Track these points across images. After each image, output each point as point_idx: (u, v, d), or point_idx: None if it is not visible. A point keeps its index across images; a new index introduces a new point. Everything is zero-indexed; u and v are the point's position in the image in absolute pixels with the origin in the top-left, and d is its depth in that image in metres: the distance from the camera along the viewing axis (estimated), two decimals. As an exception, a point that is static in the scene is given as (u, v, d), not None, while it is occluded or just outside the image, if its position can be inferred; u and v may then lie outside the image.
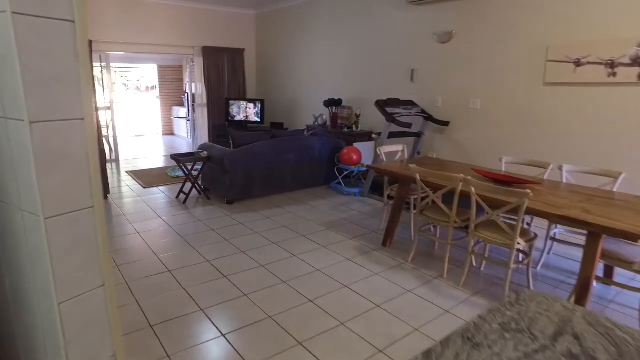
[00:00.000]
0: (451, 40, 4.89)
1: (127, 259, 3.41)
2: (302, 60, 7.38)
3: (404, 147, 4.29)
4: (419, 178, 3.20)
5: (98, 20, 6.72)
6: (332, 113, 6.43)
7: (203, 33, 7.82)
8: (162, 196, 5.22)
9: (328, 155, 5.65)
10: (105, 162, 4.91)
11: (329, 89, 6.88)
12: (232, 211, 4.66)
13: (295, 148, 5.27)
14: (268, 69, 8.36)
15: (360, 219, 4.49)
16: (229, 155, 4.74)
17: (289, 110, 7.94)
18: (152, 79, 11.86)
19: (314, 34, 6.99)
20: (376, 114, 5.91)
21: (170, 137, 11.25)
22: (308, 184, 5.60)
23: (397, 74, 5.66)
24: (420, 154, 5.44)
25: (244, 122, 7.93)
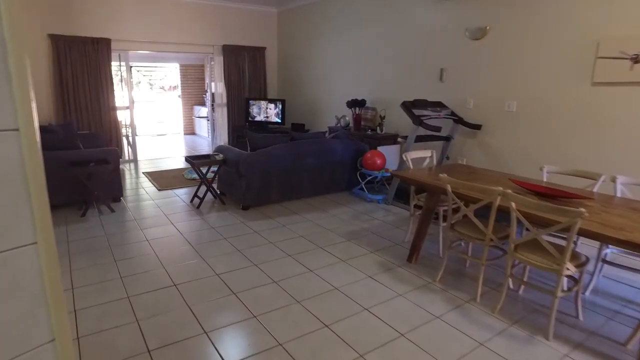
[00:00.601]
0: (485, 37, 4.50)
1: (133, 269, 3.20)
2: (324, 59, 7.09)
3: (432, 153, 3.95)
4: (450, 190, 2.86)
5: (117, 19, 6.62)
6: (355, 114, 6.12)
7: (223, 31, 7.63)
8: (177, 200, 5.03)
9: (350, 159, 5.34)
10: (118, 164, 4.75)
11: (352, 89, 6.57)
12: (247, 218, 4.42)
13: (315, 151, 4.98)
14: (289, 68, 8.11)
15: (383, 230, 4.17)
16: (245, 159, 4.50)
17: (311, 111, 7.66)
18: (174, 78, 11.82)
19: (337, 31, 6.69)
20: (402, 115, 5.56)
21: (191, 137, 11.17)
22: (328, 190, 5.31)
23: (425, 74, 5.30)
24: (449, 159, 5.07)
25: (264, 122, 7.70)
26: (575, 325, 2.57)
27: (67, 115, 6.40)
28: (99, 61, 6.47)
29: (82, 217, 4.35)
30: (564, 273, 2.30)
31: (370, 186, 5.52)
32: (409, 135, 4.65)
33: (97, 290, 2.89)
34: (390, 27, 5.71)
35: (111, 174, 4.72)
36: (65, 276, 3.06)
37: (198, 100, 11.58)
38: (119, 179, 4.82)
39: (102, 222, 4.21)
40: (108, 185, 4.75)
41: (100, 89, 6.56)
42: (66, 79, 6.30)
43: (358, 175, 5.34)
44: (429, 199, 3.33)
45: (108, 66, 6.56)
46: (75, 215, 4.41)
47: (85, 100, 6.49)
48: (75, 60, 6.31)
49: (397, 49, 5.65)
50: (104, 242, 3.72)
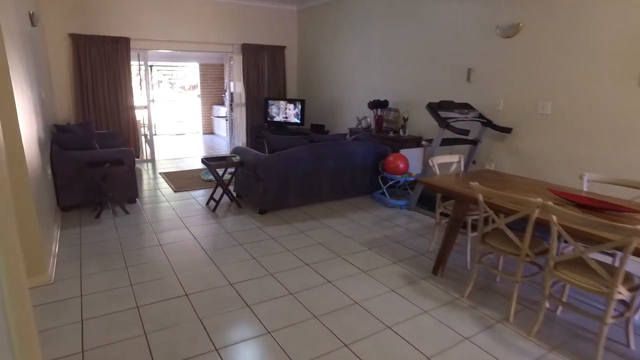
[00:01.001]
0: (517, 34, 4.23)
1: (144, 276, 3.07)
2: (345, 58, 6.89)
3: (460, 158, 3.71)
4: (482, 199, 2.63)
5: (136, 18, 6.56)
6: (376, 116, 5.90)
7: (242, 30, 7.51)
8: (192, 202, 4.91)
9: (372, 162, 5.13)
10: (134, 164, 4.66)
11: (373, 90, 6.36)
12: (263, 223, 4.26)
13: (335, 154, 4.79)
14: (309, 68, 7.94)
15: (406, 238, 3.95)
16: (263, 161, 4.34)
17: (331, 112, 7.47)
18: (194, 77, 11.80)
19: (359, 30, 6.48)
20: (426, 117, 5.32)
21: (209, 137, 11.12)
22: (348, 194, 5.11)
23: (451, 74, 5.05)
24: (476, 163, 4.81)
25: (283, 123, 7.55)
26: (625, 354, 2.31)
27: (85, 115, 6.38)
28: (118, 60, 6.42)
29: (97, 219, 4.27)
30: (615, 297, 2.05)
31: (392, 191, 5.30)
32: (434, 138, 4.41)
33: (106, 298, 2.76)
34: (415, 24, 5.47)
35: (126, 175, 4.63)
36: (75, 283, 2.96)
37: (217, 100, 11.53)
38: (134, 180, 4.73)
39: (116, 225, 4.12)
40: (123, 187, 4.67)
41: (119, 88, 6.52)
42: (85, 79, 6.27)
43: (380, 179, 5.12)
44: (457, 208, 3.10)
45: (127, 65, 6.51)
46: (90, 217, 4.33)
47: (103, 100, 6.45)
48: (94, 59, 6.27)
49: (421, 48, 5.41)
50: (117, 246, 3.62)
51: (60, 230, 3.93)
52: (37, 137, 3.47)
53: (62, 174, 4.34)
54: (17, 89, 2.74)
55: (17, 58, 2.96)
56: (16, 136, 2.60)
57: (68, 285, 2.92)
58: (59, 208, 4.45)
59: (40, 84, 4.41)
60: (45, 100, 5.02)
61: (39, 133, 3.65)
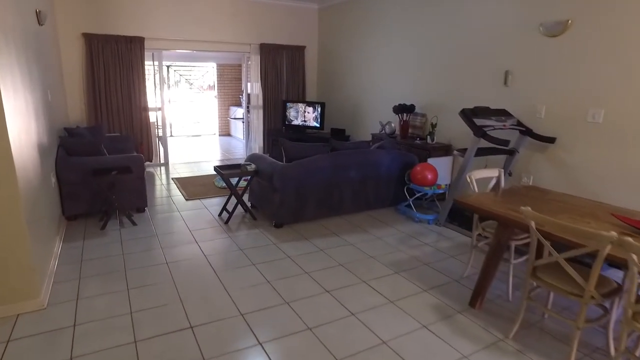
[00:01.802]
0: (565, 32, 3.78)
1: (145, 302, 2.76)
2: (368, 59, 6.51)
3: (499, 173, 3.29)
4: (534, 227, 2.23)
5: (151, 17, 6.31)
6: (402, 121, 5.51)
7: (261, 29, 7.20)
8: (204, 212, 4.61)
9: (397, 172, 4.74)
10: (143, 171, 4.38)
11: (399, 93, 5.96)
12: (279, 238, 3.92)
13: (358, 163, 4.42)
14: (330, 69, 7.57)
15: (436, 259, 3.55)
16: (280, 171, 4.00)
17: (352, 116, 7.10)
18: (211, 77, 11.59)
19: (384, 29, 6.09)
20: (456, 123, 4.90)
21: (226, 139, 10.87)
22: (371, 206, 4.73)
23: (485, 77, 4.62)
24: (512, 175, 4.37)
25: (302, 127, 7.21)
26: None
27: (98, 117, 6.16)
28: (132, 60, 6.18)
29: (102, 230, 4.00)
30: None
31: (418, 203, 4.90)
32: (469, 148, 4.00)
33: (101, 329, 2.46)
34: (445, 23, 5.05)
35: (135, 182, 4.36)
36: (69, 308, 2.66)
37: (234, 101, 11.28)
38: (143, 188, 4.46)
39: (122, 238, 3.84)
40: (131, 195, 4.39)
41: (133, 89, 6.28)
42: (98, 79, 6.05)
43: (405, 190, 4.73)
44: (500, 233, 2.69)
45: (141, 66, 6.27)
46: (96, 227, 4.07)
47: (116, 102, 6.22)
48: (107, 59, 6.05)
49: (452, 48, 4.99)
50: (120, 263, 3.32)
51: (62, 243, 3.67)
52: (36, 142, 3.20)
53: (67, 182, 4.09)
54: (8, 91, 2.46)
55: (12, 58, 2.69)
56: (2, 144, 2.32)
57: (62, 311, 2.63)
58: (64, 217, 4.20)
59: (47, 85, 4.17)
60: (55, 103, 4.79)
61: (40, 138, 3.39)
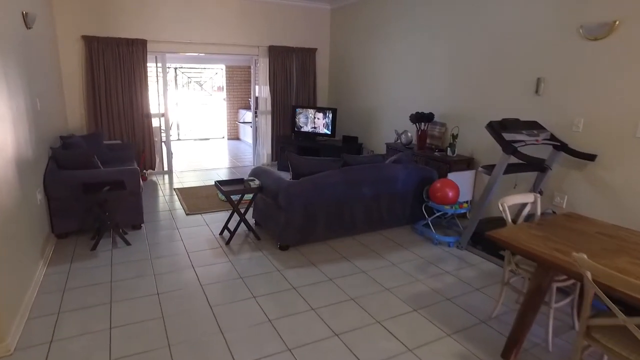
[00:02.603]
0: (610, 35, 3.34)
1: (127, 347, 2.41)
2: (384, 63, 6.10)
3: (536, 199, 2.87)
4: (590, 278, 1.82)
5: (154, 18, 6.00)
6: (419, 130, 5.09)
7: (269, 31, 6.84)
8: (205, 230, 4.27)
9: (414, 188, 4.33)
10: (139, 185, 4.06)
11: (416, 100, 5.54)
12: (284, 263, 3.55)
13: (372, 179, 4.03)
14: (342, 73, 7.18)
15: (460, 292, 3.14)
16: (286, 189, 3.63)
17: (365, 123, 6.70)
18: (220, 80, 11.30)
19: (401, 31, 5.68)
20: (479, 134, 4.48)
21: (235, 143, 10.56)
22: (385, 225, 4.34)
23: (514, 84, 4.19)
24: (543, 194, 3.94)
25: (312, 134, 6.84)
26: None
27: (98, 124, 5.87)
28: (134, 64, 5.88)
29: (93, 251, 3.69)
30: None
31: (437, 221, 4.49)
32: (497, 165, 3.58)
33: (73, 384, 2.12)
34: (469, 24, 4.63)
35: (131, 197, 4.03)
36: (41, 353, 2.33)
37: (244, 104, 10.97)
38: (139, 203, 4.13)
39: (112, 261, 3.51)
40: (127, 210, 4.07)
41: (134, 94, 5.98)
42: (98, 84, 5.76)
43: (423, 208, 4.32)
44: (541, 276, 2.28)
45: (143, 69, 5.97)
46: (86, 247, 3.76)
47: (117, 107, 5.93)
48: (108, 63, 5.75)
49: (477, 53, 4.57)
50: (106, 293, 2.99)
51: (47, 267, 3.36)
52: (14, 157, 2.87)
53: (56, 197, 3.78)
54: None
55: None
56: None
57: (30, 358, 2.29)
58: (53, 235, 3.90)
59: (37, 93, 3.86)
60: (50, 110, 4.50)
61: (20, 151, 3.06)
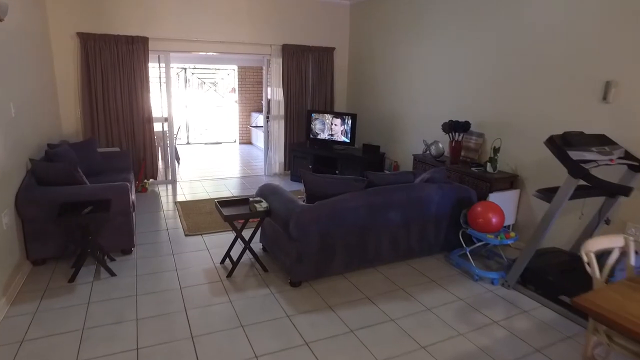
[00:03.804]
0: None
1: None
2: (410, 64, 5.45)
3: (628, 243, 2.19)
4: None
5: (156, 14, 5.45)
6: (453, 141, 4.43)
7: (283, 28, 6.25)
8: (204, 257, 3.68)
9: (449, 211, 3.68)
10: (128, 204, 3.49)
11: (448, 106, 4.87)
12: (296, 306, 2.93)
13: (400, 202, 3.39)
14: (363, 75, 6.54)
15: (515, 354, 2.48)
16: (298, 216, 3.01)
17: (388, 131, 6.04)
18: (232, 81, 10.77)
19: (429, 28, 5.02)
20: (525, 148, 3.80)
21: (247, 147, 10.01)
22: (414, 254, 3.69)
23: (573, 89, 3.50)
24: (609, 223, 3.24)
25: (329, 141, 6.21)
26: None
27: (94, 129, 5.35)
28: (134, 64, 5.34)
29: (70, 283, 3.13)
30: None
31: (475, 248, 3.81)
32: (561, 190, 2.90)
33: None
34: (512, 16, 3.95)
35: (119, 217, 3.47)
36: None
37: (256, 107, 10.41)
38: (129, 224, 3.56)
39: (91, 297, 2.94)
40: (116, 233, 3.51)
41: (135, 97, 5.45)
42: (95, 86, 5.24)
43: (461, 236, 3.65)
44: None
45: (144, 70, 5.43)
46: (64, 277, 3.20)
47: (116, 111, 5.40)
48: (106, 62, 5.22)
49: (521, 50, 3.88)
50: (74, 346, 2.41)
51: (10, 307, 2.80)
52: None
53: (31, 218, 3.24)
54: None
55: None
56: None
57: None
58: (28, 261, 3.35)
59: (12, 95, 3.33)
60: (36, 115, 3.98)
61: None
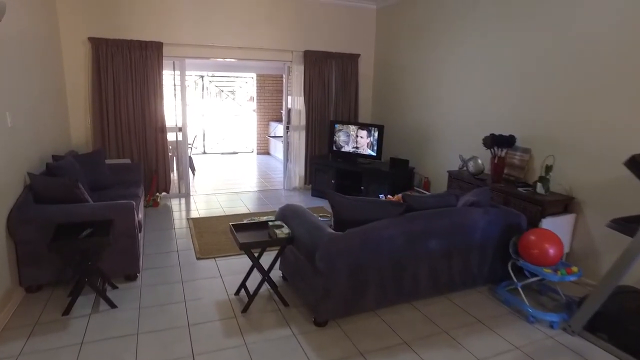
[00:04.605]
0: None
1: None
2: (442, 71, 4.99)
3: None
4: None
5: (171, 18, 5.15)
6: (495, 157, 3.95)
7: (305, 33, 5.88)
8: (217, 286, 3.27)
9: (496, 238, 3.20)
10: (134, 225, 3.12)
11: (486, 118, 4.39)
12: (321, 352, 2.49)
13: (443, 229, 2.93)
14: (390, 83, 6.11)
15: None
16: (326, 247, 2.58)
17: (417, 144, 5.58)
18: (250, 89, 10.47)
19: (465, 31, 4.57)
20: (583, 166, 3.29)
21: (265, 158, 9.67)
22: (455, 287, 3.21)
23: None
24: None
25: (353, 154, 5.79)
26: None
27: (105, 139, 5.04)
28: (147, 70, 5.03)
29: (65, 316, 2.75)
30: None
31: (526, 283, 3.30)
32: (644, 223, 2.41)
33: None
34: (565, 13, 3.47)
35: (122, 240, 3.09)
36: None
37: (275, 116, 10.07)
38: (134, 247, 3.18)
39: (85, 336, 2.55)
40: (119, 256, 3.14)
41: (147, 105, 5.13)
42: (106, 93, 4.94)
43: (510, 267, 3.16)
44: None
45: (158, 77, 5.11)
46: (59, 307, 2.83)
47: (127, 120, 5.08)
48: (118, 69, 4.92)
49: (577, 52, 3.40)
50: (59, 404, 2.02)
51: (-7, 347, 2.44)
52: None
53: (25, 240, 2.89)
54: None
55: None
56: None
57: None
58: (22, 288, 3.00)
59: (8, 104, 3.01)
60: (39, 124, 3.68)
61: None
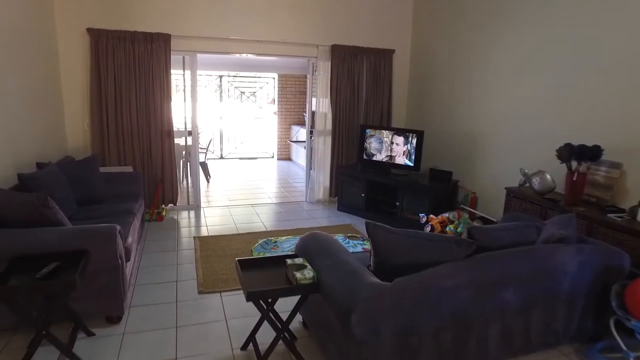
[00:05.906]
0: None
1: None
2: (494, 69, 4.19)
3: None
4: None
5: (180, 7, 4.52)
6: (574, 172, 3.13)
7: (333, 25, 5.17)
8: (220, 332, 2.57)
9: (588, 283, 2.40)
10: (116, 256, 2.46)
11: (552, 122, 3.57)
12: None
13: (521, 277, 2.15)
14: (429, 82, 5.33)
15: None
16: (368, 305, 1.83)
17: (462, 153, 4.77)
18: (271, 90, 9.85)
19: (522, 21, 3.76)
20: None
21: (285, 164, 9.00)
22: (532, 348, 2.41)
23: None
24: None
25: (386, 164, 5.02)
26: None
27: (104, 144, 4.44)
28: (153, 66, 4.42)
29: (20, 380, 2.10)
30: None
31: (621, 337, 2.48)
32: None
33: None
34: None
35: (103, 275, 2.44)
36: None
37: (297, 119, 9.42)
38: (116, 284, 2.52)
39: (38, 416, 1.89)
40: (99, 293, 2.48)
41: (153, 105, 4.52)
42: (106, 91, 4.34)
43: (612, 323, 2.35)
44: None
45: (165, 73, 4.49)
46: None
47: (129, 123, 4.48)
48: (120, 64, 4.33)
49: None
50: None
51: None
52: None
53: (-22, 276, 2.25)
54: None
55: None
56: None
57: None
58: (-24, 334, 2.38)
59: None
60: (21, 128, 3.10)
61: None
